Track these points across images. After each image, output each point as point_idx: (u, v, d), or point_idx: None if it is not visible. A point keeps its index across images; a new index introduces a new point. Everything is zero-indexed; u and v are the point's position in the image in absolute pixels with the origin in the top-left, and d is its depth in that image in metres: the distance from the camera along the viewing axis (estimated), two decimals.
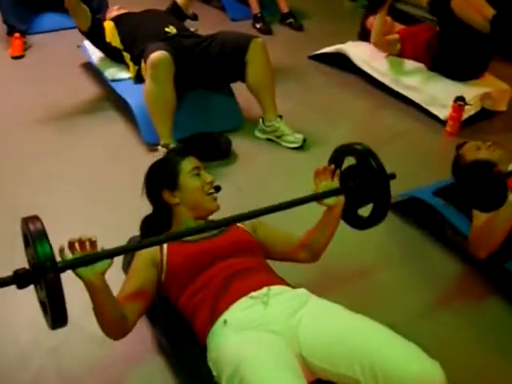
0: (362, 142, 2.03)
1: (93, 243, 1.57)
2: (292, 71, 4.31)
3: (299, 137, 3.29)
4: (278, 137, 3.31)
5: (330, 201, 1.97)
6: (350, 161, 2.03)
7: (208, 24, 4.82)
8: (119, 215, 2.69)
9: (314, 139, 3.37)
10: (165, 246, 1.87)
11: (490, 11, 3.65)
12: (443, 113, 3.73)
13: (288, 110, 3.51)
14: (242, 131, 3.44)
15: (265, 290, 1.75)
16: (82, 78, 4.06)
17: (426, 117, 3.82)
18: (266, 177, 3.13)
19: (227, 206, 2.05)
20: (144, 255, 1.85)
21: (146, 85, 3.05)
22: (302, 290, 1.81)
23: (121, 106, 3.52)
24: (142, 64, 3.20)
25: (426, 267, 2.60)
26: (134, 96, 3.31)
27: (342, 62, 4.32)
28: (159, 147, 3.05)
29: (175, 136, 3.11)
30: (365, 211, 2.03)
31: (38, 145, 3.27)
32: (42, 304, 1.52)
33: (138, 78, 3.35)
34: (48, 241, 1.42)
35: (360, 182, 1.99)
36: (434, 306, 2.40)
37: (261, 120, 3.35)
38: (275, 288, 1.77)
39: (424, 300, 2.41)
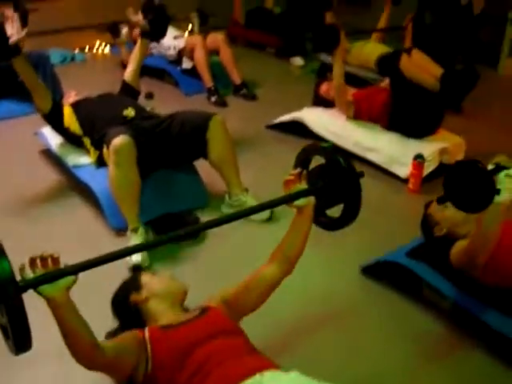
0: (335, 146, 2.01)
1: (55, 260, 1.53)
2: (251, 142, 4.36)
3: None
4: None
5: (300, 202, 1.96)
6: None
7: (163, 100, 4.89)
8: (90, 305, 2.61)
9: (281, 209, 3.36)
10: (146, 333, 1.82)
11: (439, 70, 3.80)
12: (404, 171, 3.80)
13: (251, 181, 3.52)
14: (208, 208, 3.42)
15: (257, 376, 1.70)
16: (41, 165, 4.00)
17: (388, 176, 3.89)
18: (238, 251, 3.11)
19: (201, 286, 2.02)
20: (133, 334, 1.82)
21: (109, 171, 3.03)
22: (294, 374, 1.76)
23: (84, 192, 3.48)
24: (104, 149, 3.18)
25: (405, 327, 2.60)
26: (97, 181, 3.28)
27: (299, 128, 4.38)
28: (128, 232, 3.01)
29: (142, 219, 3.08)
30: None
31: None
32: (3, 328, 1.41)
33: (100, 163, 3.32)
34: (7, 258, 1.34)
35: (329, 182, 1.96)
36: (415, 363, 2.40)
37: (227, 195, 3.35)
38: (267, 374, 1.73)
39: (405, 357, 2.42)
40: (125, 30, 5.73)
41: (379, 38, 5.80)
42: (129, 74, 3.69)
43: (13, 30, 3.05)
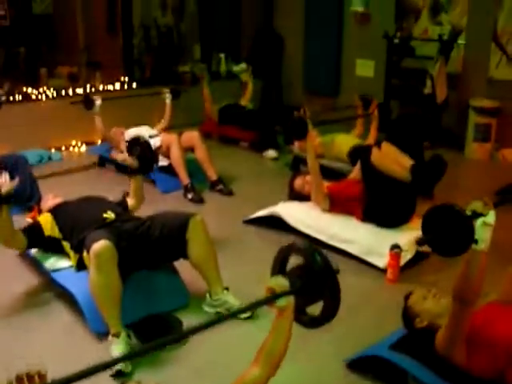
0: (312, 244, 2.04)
1: (42, 376, 1.49)
2: (230, 238, 4.39)
3: None
4: (228, 309, 3.30)
5: (281, 302, 1.97)
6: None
7: None
8: None
9: (263, 307, 3.37)
10: None
11: (409, 162, 3.93)
12: (382, 261, 3.85)
13: (231, 278, 3.53)
14: (189, 308, 3.41)
15: None
16: (18, 270, 3.97)
17: (366, 266, 3.93)
18: (222, 351, 3.08)
19: None
20: None
21: (90, 275, 3.03)
22: None
23: (64, 296, 3.45)
24: (84, 253, 3.20)
25: None
26: (78, 285, 3.27)
27: (277, 222, 4.44)
28: (109, 337, 2.98)
29: (123, 321, 3.06)
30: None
31: None
32: None
33: (80, 266, 3.33)
34: None
35: (308, 281, 1.98)
36: None
37: (208, 295, 3.36)
38: None
39: None
40: (98, 102, 5.87)
41: (359, 136, 5.96)
42: (131, 205, 3.77)
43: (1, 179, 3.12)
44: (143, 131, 5.92)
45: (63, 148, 6.80)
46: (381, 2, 7.89)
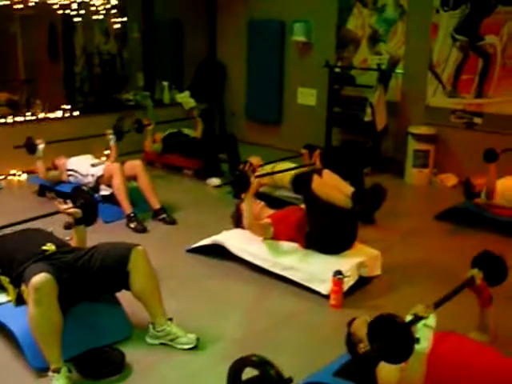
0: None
1: None
2: (173, 267, 4.35)
3: (192, 337, 3.27)
4: (171, 340, 3.27)
5: None
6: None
7: None
8: None
9: (207, 335, 3.36)
10: None
11: (350, 189, 4.00)
12: (325, 288, 3.88)
13: (175, 308, 3.50)
14: (132, 340, 3.35)
15: None
16: None
17: (310, 293, 3.95)
18: None
19: None
20: None
21: (29, 310, 2.95)
22: None
23: (3, 331, 3.35)
24: (23, 287, 3.12)
25: None
26: (17, 320, 3.17)
27: (220, 251, 4.43)
28: (49, 373, 2.90)
29: (64, 356, 2.98)
30: None
31: None
32: None
33: (19, 301, 3.23)
34: None
35: None
36: None
37: (151, 326, 3.31)
38: None
39: None
40: (41, 147, 5.82)
41: None
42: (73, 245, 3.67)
43: None
44: (85, 160, 5.87)
45: (2, 177, 6.68)
46: (322, 32, 8.07)
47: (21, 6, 7.37)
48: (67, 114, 7.63)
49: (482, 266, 2.92)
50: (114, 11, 8.48)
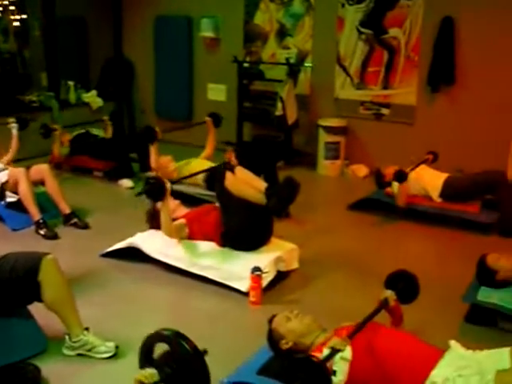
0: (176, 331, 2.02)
1: None
2: (88, 274, 4.20)
3: (111, 345, 3.16)
4: (89, 350, 3.15)
5: None
6: None
7: None
8: None
9: (127, 342, 3.25)
10: None
11: (263, 184, 3.99)
12: (244, 285, 3.86)
13: (93, 317, 3.37)
14: (48, 353, 3.20)
15: None
16: None
17: (230, 292, 3.92)
18: None
19: None
20: None
21: None
22: None
23: None
24: None
25: None
26: None
27: (136, 253, 4.32)
28: None
29: None
30: None
31: None
32: None
33: None
34: None
35: (177, 368, 1.96)
36: None
37: (67, 337, 3.18)
38: None
39: None
40: None
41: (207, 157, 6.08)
42: None
43: None
44: None
45: None
46: (229, 28, 8.06)
47: None
48: None
49: (395, 286, 2.99)
50: (12, 8, 8.13)
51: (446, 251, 4.87)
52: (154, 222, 4.44)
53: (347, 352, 2.49)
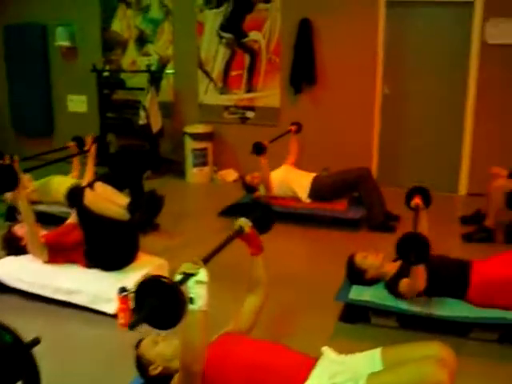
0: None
1: None
2: None
3: None
4: None
5: None
6: None
7: None
8: None
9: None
10: None
11: (124, 199, 3.83)
12: (111, 307, 3.67)
13: None
14: None
15: None
16: None
17: (99, 315, 3.69)
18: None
19: None
20: None
21: None
22: None
23: None
24: None
25: None
26: None
27: None
28: None
29: None
30: None
31: None
32: None
33: None
34: None
35: None
36: None
37: None
38: None
39: None
40: None
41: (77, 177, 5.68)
42: None
43: None
44: None
45: None
46: (86, 36, 7.77)
47: None
48: None
49: (250, 214, 2.94)
50: None
51: (318, 251, 4.92)
52: (10, 247, 4.13)
53: (202, 275, 2.28)
